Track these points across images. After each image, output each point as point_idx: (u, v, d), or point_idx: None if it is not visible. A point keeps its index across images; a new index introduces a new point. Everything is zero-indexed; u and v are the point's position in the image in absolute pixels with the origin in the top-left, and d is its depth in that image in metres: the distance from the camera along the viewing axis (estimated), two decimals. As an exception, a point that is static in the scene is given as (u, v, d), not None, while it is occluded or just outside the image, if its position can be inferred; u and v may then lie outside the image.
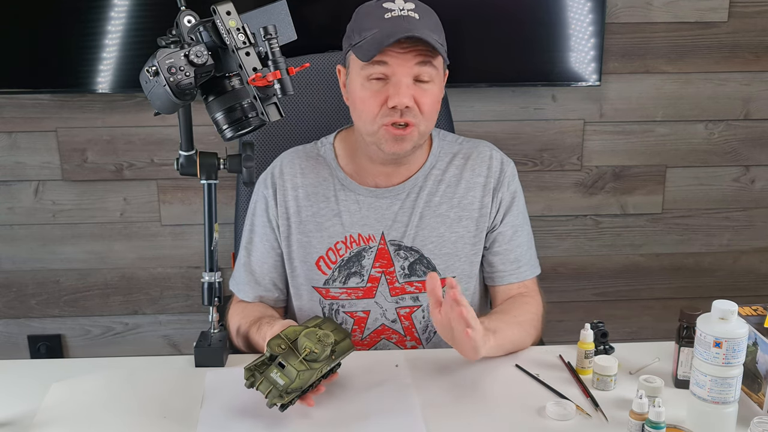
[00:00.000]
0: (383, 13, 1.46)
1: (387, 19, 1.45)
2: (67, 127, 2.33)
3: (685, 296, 2.59)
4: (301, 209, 1.60)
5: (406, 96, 1.45)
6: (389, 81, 1.47)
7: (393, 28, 1.44)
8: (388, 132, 1.49)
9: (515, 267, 1.63)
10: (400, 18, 1.45)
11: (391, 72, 1.46)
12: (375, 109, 1.48)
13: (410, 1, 1.48)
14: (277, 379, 1.26)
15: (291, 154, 1.65)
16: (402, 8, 1.46)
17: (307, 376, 1.27)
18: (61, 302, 2.51)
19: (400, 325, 1.62)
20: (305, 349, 1.28)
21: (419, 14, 1.47)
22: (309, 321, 1.40)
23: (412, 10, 1.47)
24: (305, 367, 1.27)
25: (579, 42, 2.26)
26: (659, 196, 2.51)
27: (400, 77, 1.46)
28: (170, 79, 1.23)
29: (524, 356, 1.51)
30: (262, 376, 1.28)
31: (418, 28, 1.44)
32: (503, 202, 1.61)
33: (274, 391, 1.26)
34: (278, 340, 1.30)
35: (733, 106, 2.43)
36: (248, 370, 1.29)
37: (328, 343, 1.30)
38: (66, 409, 1.36)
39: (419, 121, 1.49)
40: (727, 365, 1.22)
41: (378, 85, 1.48)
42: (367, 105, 1.49)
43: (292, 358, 1.27)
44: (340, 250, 1.59)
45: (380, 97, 1.47)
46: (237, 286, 1.66)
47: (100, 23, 2.15)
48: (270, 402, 1.26)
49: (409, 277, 1.60)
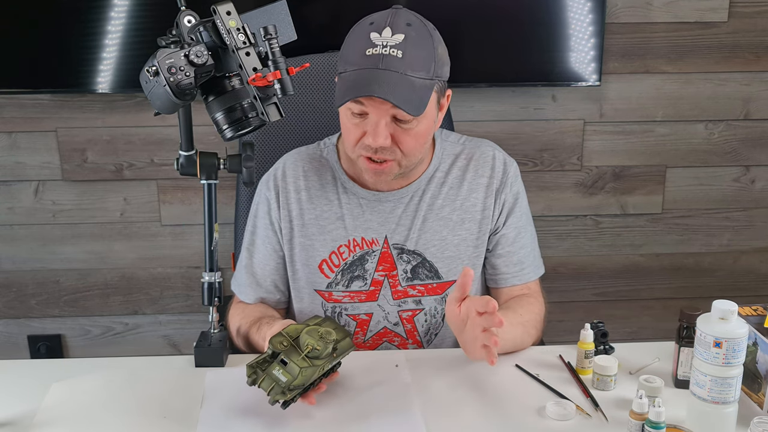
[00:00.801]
0: (366, 47, 1.40)
1: (367, 57, 1.39)
2: (67, 127, 2.33)
3: (685, 296, 2.59)
4: (304, 212, 1.60)
5: (381, 136, 1.42)
6: (368, 118, 1.44)
7: (366, 76, 1.38)
8: (366, 163, 1.48)
9: (518, 269, 1.62)
10: (378, 58, 1.38)
11: (369, 110, 1.42)
12: (354, 140, 1.47)
13: (401, 31, 1.40)
14: (280, 376, 1.26)
15: (294, 156, 1.64)
16: (386, 43, 1.39)
17: (309, 373, 1.26)
18: (61, 302, 2.51)
19: (402, 328, 1.62)
20: (307, 346, 1.28)
21: (405, 49, 1.39)
22: (310, 320, 1.40)
23: (396, 46, 1.39)
24: (308, 364, 1.27)
25: (579, 42, 2.26)
26: (659, 196, 2.52)
27: (378, 117, 1.42)
28: (170, 79, 1.23)
29: (524, 356, 1.51)
30: (264, 374, 1.28)
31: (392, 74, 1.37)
32: (506, 203, 1.61)
33: (276, 388, 1.26)
34: (280, 338, 1.30)
35: (733, 106, 2.43)
36: (250, 367, 1.29)
37: (330, 340, 1.30)
38: (66, 409, 1.36)
39: (399, 157, 1.47)
40: (727, 365, 1.22)
41: (357, 118, 1.45)
42: (348, 133, 1.48)
43: (295, 355, 1.27)
44: (343, 254, 1.59)
45: (359, 131, 1.45)
46: (238, 288, 1.65)
47: (100, 23, 2.15)
48: (272, 399, 1.26)
49: (411, 281, 1.59)
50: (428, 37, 1.43)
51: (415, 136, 1.46)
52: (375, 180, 1.52)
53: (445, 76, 1.48)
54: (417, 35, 1.42)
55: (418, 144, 1.48)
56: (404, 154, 1.47)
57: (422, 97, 1.42)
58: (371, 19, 1.45)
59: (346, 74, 1.43)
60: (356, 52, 1.41)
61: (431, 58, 1.43)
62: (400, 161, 1.48)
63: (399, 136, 1.44)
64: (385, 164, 1.47)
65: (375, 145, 1.43)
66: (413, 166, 1.53)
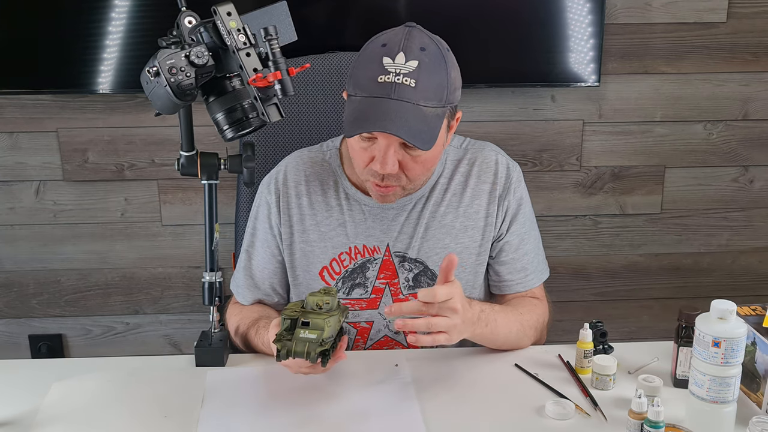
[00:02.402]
0: (379, 74, 1.36)
1: (379, 84, 1.35)
2: (68, 127, 2.34)
3: (683, 296, 2.60)
4: (305, 218, 1.58)
5: (389, 164, 1.39)
6: (376, 142, 1.41)
7: (377, 108, 1.35)
8: (373, 186, 1.47)
9: (522, 276, 1.61)
10: (391, 87, 1.35)
11: (378, 137, 1.40)
12: (363, 163, 1.45)
13: (414, 58, 1.36)
14: (308, 335, 1.26)
15: (296, 159, 1.62)
16: (399, 71, 1.35)
17: (333, 322, 1.28)
18: (62, 302, 2.51)
19: (403, 336, 1.59)
20: (317, 304, 1.29)
21: (418, 77, 1.35)
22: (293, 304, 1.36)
23: (410, 74, 1.35)
24: (327, 316, 1.28)
25: (578, 42, 2.27)
26: (658, 197, 2.52)
27: (386, 145, 1.39)
28: (171, 80, 1.24)
29: (523, 356, 1.52)
30: (292, 341, 1.26)
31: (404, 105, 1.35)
32: (509, 209, 1.58)
33: (311, 345, 1.25)
34: (289, 310, 1.30)
35: (732, 106, 2.44)
36: (277, 341, 1.28)
37: (332, 293, 1.31)
38: (67, 408, 1.36)
39: (404, 183, 1.46)
40: (725, 365, 1.22)
41: (366, 143, 1.42)
42: (356, 155, 1.46)
43: (312, 314, 1.28)
44: (344, 261, 1.58)
45: (367, 155, 1.43)
46: (237, 289, 1.65)
47: (101, 24, 2.15)
48: (313, 355, 1.25)
49: (413, 289, 1.58)
50: (442, 61, 1.40)
51: (423, 162, 1.44)
52: (381, 201, 1.51)
53: (457, 100, 1.45)
54: (430, 61, 1.38)
55: (425, 169, 1.47)
56: (409, 180, 1.46)
57: (433, 129, 1.39)
58: (384, 39, 1.40)
59: (357, 99, 1.39)
60: (368, 77, 1.37)
61: (444, 85, 1.40)
62: (405, 186, 1.47)
63: (407, 164, 1.43)
64: (391, 188, 1.47)
65: (383, 172, 1.41)
66: (419, 186, 1.53)
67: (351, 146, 1.47)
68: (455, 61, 1.44)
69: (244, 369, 1.47)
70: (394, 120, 1.35)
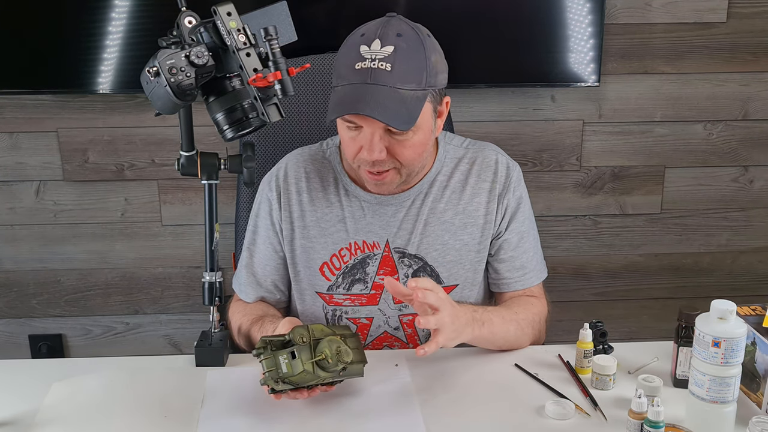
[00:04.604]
0: (356, 61, 1.39)
1: (356, 71, 1.38)
2: (68, 127, 2.34)
3: (683, 296, 2.60)
4: (305, 214, 1.59)
5: (375, 150, 1.41)
6: (362, 131, 1.43)
7: (354, 92, 1.38)
8: (367, 175, 1.48)
9: (521, 274, 1.62)
10: (367, 72, 1.37)
11: (361, 124, 1.42)
12: (352, 154, 1.46)
13: (390, 43, 1.38)
14: (282, 364, 1.26)
15: (296, 156, 1.63)
16: (375, 57, 1.38)
17: (308, 378, 1.27)
18: (62, 302, 2.51)
19: (403, 333, 1.62)
20: (321, 354, 1.28)
21: (395, 62, 1.37)
22: (339, 328, 1.38)
23: (385, 59, 1.37)
24: (311, 370, 1.27)
25: (578, 43, 2.27)
26: (658, 197, 2.52)
27: (372, 131, 1.41)
28: (171, 80, 1.24)
29: (523, 356, 1.52)
30: (271, 354, 1.28)
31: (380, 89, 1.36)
32: (509, 208, 1.59)
33: (272, 374, 1.26)
34: (303, 331, 1.30)
35: (732, 106, 2.44)
36: (263, 340, 1.29)
37: (343, 361, 1.29)
38: (67, 408, 1.36)
39: (398, 166, 1.46)
40: (725, 365, 1.22)
41: (354, 132, 1.44)
42: (346, 146, 1.48)
43: (305, 355, 1.27)
44: (344, 257, 1.59)
45: (356, 145, 1.45)
46: (239, 287, 1.66)
47: (101, 24, 2.15)
48: (264, 380, 1.27)
49: None
50: (420, 47, 1.41)
51: (411, 146, 1.45)
52: (378, 190, 1.52)
53: (441, 84, 1.45)
54: (408, 46, 1.40)
55: (416, 154, 1.47)
56: (402, 165, 1.47)
57: (412, 111, 1.40)
58: (362, 30, 1.43)
59: (338, 89, 1.42)
60: (346, 66, 1.41)
61: (422, 68, 1.41)
62: (400, 170, 1.48)
63: (394, 148, 1.44)
64: (385, 175, 1.47)
65: (370, 159, 1.43)
66: (415, 173, 1.53)
67: (341, 138, 1.49)
68: (437, 47, 1.46)
69: (244, 369, 1.47)
70: (369, 102, 1.37)
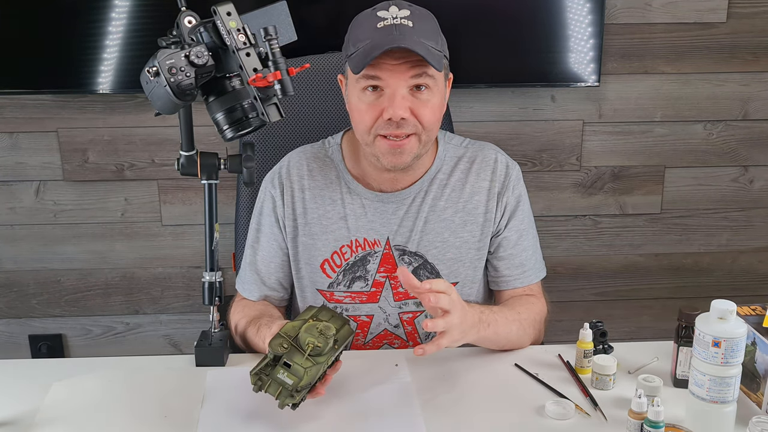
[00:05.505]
0: (376, 23, 1.42)
1: (379, 29, 1.41)
2: (68, 127, 2.34)
3: (683, 296, 2.60)
4: (308, 211, 1.60)
5: (401, 108, 1.42)
6: (384, 93, 1.44)
7: (383, 38, 1.40)
8: (384, 143, 1.47)
9: (520, 272, 1.62)
10: (392, 27, 1.41)
11: (386, 84, 1.43)
12: (370, 121, 1.46)
13: (405, 8, 1.44)
14: (285, 379, 1.24)
15: (299, 154, 1.64)
16: (395, 16, 1.42)
17: (314, 372, 1.25)
18: (62, 302, 2.51)
19: (403, 330, 1.62)
20: (308, 344, 1.26)
21: (414, 21, 1.42)
22: (305, 313, 1.37)
23: (406, 17, 1.42)
24: (311, 363, 1.25)
25: (578, 43, 2.27)
26: (658, 197, 2.52)
27: (395, 89, 1.43)
28: (171, 80, 1.24)
29: (523, 356, 1.52)
30: (269, 378, 1.26)
31: (410, 36, 1.40)
32: (508, 206, 1.60)
33: (284, 392, 1.25)
34: (279, 340, 1.28)
35: (732, 106, 2.44)
36: (254, 375, 1.27)
37: (329, 335, 1.28)
38: (67, 408, 1.36)
39: (419, 131, 1.47)
40: (725, 365, 1.22)
41: (373, 96, 1.45)
42: (363, 116, 1.47)
43: (297, 356, 1.26)
44: (345, 254, 1.59)
45: (376, 110, 1.45)
46: (243, 285, 1.66)
47: (101, 24, 2.15)
48: (282, 403, 1.25)
49: None
50: (430, 16, 1.48)
51: (431, 108, 1.46)
52: (394, 161, 1.49)
53: (447, 57, 1.50)
54: (420, 13, 1.46)
55: (435, 117, 1.48)
56: (424, 128, 1.47)
57: (438, 60, 1.44)
58: (371, 7, 1.47)
59: (359, 50, 1.43)
60: (365, 30, 1.43)
61: (437, 32, 1.47)
62: (420, 135, 1.47)
63: (417, 109, 1.45)
64: (405, 141, 1.46)
65: (396, 117, 1.42)
66: (428, 147, 1.53)
67: (356, 108, 1.48)
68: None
69: (244, 369, 1.46)
70: (403, 41, 1.39)
